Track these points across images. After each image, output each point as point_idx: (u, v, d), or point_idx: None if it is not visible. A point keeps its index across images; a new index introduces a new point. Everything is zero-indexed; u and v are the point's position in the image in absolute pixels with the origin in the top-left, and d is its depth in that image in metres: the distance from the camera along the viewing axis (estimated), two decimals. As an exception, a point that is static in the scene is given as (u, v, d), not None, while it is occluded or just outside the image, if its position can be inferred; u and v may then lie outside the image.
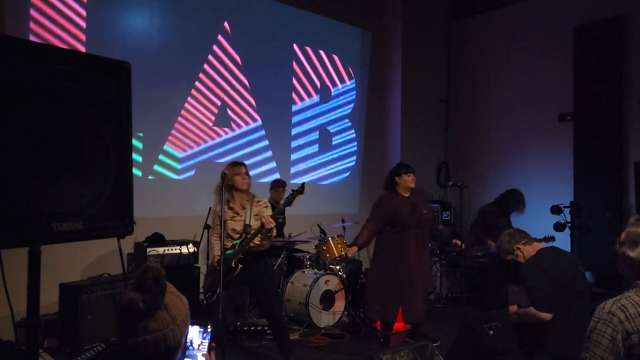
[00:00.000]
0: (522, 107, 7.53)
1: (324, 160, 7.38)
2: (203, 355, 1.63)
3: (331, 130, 7.49)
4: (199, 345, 1.62)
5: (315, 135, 7.24)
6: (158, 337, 1.32)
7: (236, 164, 4.18)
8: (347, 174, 7.68)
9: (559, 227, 5.89)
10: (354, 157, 7.81)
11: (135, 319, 1.31)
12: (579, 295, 2.94)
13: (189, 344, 1.61)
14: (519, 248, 3.15)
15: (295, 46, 7.02)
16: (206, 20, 6.10)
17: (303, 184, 4.03)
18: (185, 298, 1.47)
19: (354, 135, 7.81)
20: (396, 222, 4.70)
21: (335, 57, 7.49)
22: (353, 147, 7.79)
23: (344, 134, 7.63)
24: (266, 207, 4.20)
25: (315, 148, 7.26)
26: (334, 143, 7.51)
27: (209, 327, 1.64)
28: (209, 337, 1.64)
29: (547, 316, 2.88)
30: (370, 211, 4.96)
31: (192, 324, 1.63)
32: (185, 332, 1.42)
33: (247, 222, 4.10)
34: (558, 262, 2.98)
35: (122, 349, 1.35)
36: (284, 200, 4.07)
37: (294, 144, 7.02)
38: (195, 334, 1.64)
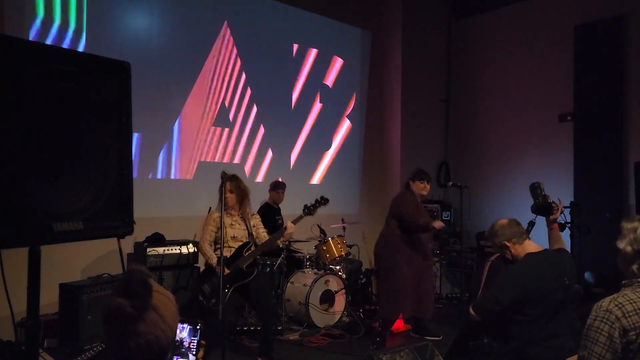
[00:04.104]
0: (522, 107, 7.53)
1: (323, 160, 7.38)
2: (194, 354, 1.64)
3: (331, 130, 7.49)
4: (190, 343, 1.63)
5: (314, 135, 7.23)
6: (151, 339, 1.31)
7: (226, 179, 4.01)
8: (346, 174, 7.68)
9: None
10: (354, 157, 7.81)
11: (125, 324, 1.29)
12: (560, 307, 2.89)
13: (179, 342, 1.62)
14: (507, 246, 3.04)
15: (295, 46, 7.02)
16: (206, 20, 6.10)
17: (327, 199, 4.23)
18: (172, 295, 1.46)
19: (354, 135, 7.80)
20: None
21: (335, 57, 7.49)
22: (353, 147, 7.78)
23: (343, 134, 7.63)
24: (259, 220, 4.41)
25: (314, 148, 7.26)
26: (333, 143, 7.51)
27: (198, 325, 1.65)
28: (198, 335, 1.65)
29: (473, 315, 2.94)
30: (396, 210, 4.85)
31: (182, 323, 1.64)
32: (176, 330, 1.42)
33: (251, 232, 4.26)
34: (541, 275, 2.86)
35: (115, 355, 1.33)
36: (305, 210, 4.20)
37: (293, 143, 7.01)
38: (185, 333, 1.64)
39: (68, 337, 4.24)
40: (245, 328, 4.95)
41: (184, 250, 5.13)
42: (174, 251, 5.09)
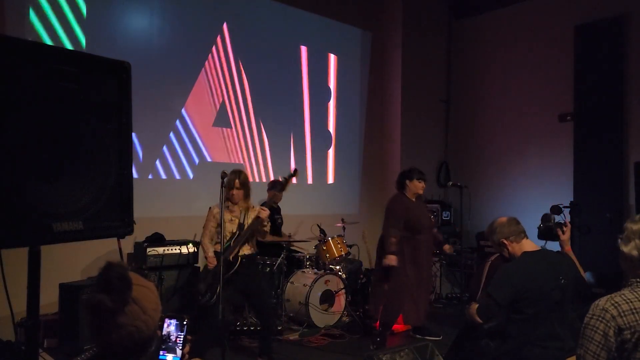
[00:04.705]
0: (522, 107, 7.53)
1: (323, 160, 7.38)
2: (181, 349, 1.69)
3: (331, 130, 7.49)
4: (176, 338, 1.67)
5: (314, 135, 7.23)
6: (132, 331, 1.36)
7: (231, 175, 4.12)
8: (347, 174, 7.68)
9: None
10: (354, 157, 7.81)
11: (106, 318, 1.35)
12: (557, 307, 2.89)
13: (166, 337, 1.69)
14: (505, 244, 3.05)
15: (294, 46, 7.02)
16: (206, 20, 6.10)
17: (295, 169, 4.26)
18: (153, 285, 1.51)
19: (354, 135, 7.80)
20: (409, 226, 4.75)
21: (335, 57, 7.49)
22: (353, 147, 7.78)
23: (343, 134, 7.63)
24: (257, 211, 4.29)
25: (314, 148, 7.26)
26: (333, 143, 7.50)
27: (185, 320, 1.70)
28: (185, 330, 1.70)
29: (478, 320, 2.90)
30: (384, 216, 4.94)
31: (170, 318, 1.71)
32: (158, 320, 1.47)
33: (242, 222, 4.17)
34: (537, 274, 2.86)
35: (100, 347, 1.39)
36: (277, 187, 4.23)
37: (293, 143, 7.01)
38: (172, 328, 1.71)
39: (68, 337, 4.24)
40: (245, 328, 4.94)
41: (184, 250, 5.13)
42: (174, 251, 5.09)
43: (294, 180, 4.23)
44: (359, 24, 7.78)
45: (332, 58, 7.46)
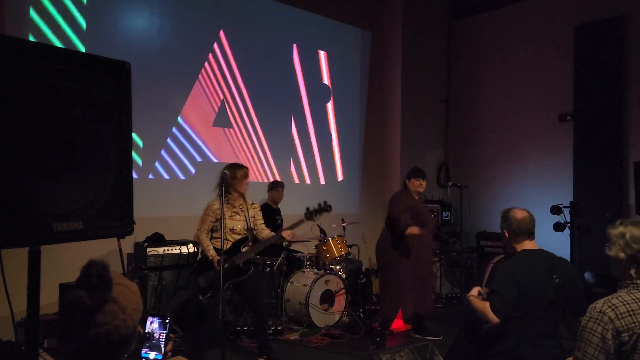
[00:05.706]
0: (522, 107, 7.53)
1: (323, 160, 7.37)
2: (164, 345, 1.72)
3: (331, 130, 7.49)
4: (159, 335, 1.71)
5: (314, 135, 7.23)
6: (109, 329, 1.37)
7: (238, 166, 4.22)
8: (347, 174, 7.68)
9: (558, 227, 5.87)
10: (354, 157, 7.81)
11: (84, 315, 1.36)
12: (551, 306, 2.89)
13: (149, 335, 1.71)
14: (505, 235, 3.07)
15: (295, 46, 7.02)
16: (206, 20, 6.10)
17: (326, 202, 4.27)
18: (136, 285, 1.50)
19: (354, 135, 7.80)
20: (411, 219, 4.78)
21: (335, 57, 7.49)
22: (353, 147, 7.78)
23: (343, 134, 7.63)
24: (259, 210, 4.39)
25: (314, 148, 7.26)
26: (333, 143, 7.50)
27: (167, 319, 1.72)
28: (167, 328, 1.73)
29: (495, 320, 2.88)
30: (387, 209, 5.00)
31: (153, 317, 1.73)
32: (138, 320, 1.47)
33: (250, 225, 4.19)
34: (534, 271, 2.88)
35: (78, 344, 1.40)
36: (307, 214, 4.25)
37: (292, 143, 7.01)
38: (155, 326, 1.73)
39: (68, 337, 4.23)
40: (245, 328, 4.94)
41: (184, 250, 5.13)
42: (174, 251, 5.09)
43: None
44: (359, 23, 7.78)
45: (332, 58, 7.46)
